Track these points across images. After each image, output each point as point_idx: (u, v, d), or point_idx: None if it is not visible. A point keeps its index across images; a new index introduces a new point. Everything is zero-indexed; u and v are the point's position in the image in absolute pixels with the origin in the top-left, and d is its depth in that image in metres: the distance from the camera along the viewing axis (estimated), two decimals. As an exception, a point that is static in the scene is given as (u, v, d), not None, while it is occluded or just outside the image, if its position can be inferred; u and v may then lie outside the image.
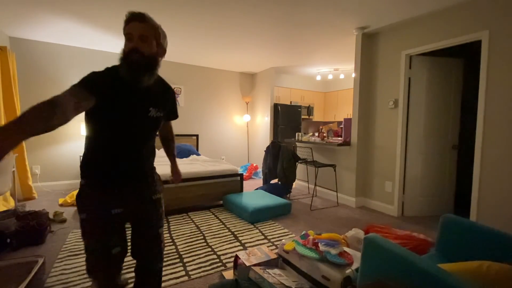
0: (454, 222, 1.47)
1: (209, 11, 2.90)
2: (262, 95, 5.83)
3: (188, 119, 5.38)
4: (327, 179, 3.96)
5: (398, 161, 3.18)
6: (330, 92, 6.95)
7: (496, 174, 2.40)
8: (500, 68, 2.36)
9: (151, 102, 1.14)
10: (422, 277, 0.89)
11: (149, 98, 1.13)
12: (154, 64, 1.08)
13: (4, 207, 2.96)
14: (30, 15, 3.04)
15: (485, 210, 2.47)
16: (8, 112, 3.32)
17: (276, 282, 1.51)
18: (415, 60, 3.10)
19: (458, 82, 3.18)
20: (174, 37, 3.75)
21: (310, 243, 1.72)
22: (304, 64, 5.31)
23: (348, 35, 3.57)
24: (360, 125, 3.53)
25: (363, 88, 3.52)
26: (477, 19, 2.49)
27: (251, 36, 3.67)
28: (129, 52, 1.01)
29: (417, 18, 2.96)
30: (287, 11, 2.86)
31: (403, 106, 3.13)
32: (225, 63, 5.25)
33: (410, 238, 2.14)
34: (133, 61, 1.00)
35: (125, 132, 1.09)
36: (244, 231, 2.65)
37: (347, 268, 1.53)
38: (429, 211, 3.20)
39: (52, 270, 1.88)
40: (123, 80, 1.03)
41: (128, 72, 1.01)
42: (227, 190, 3.51)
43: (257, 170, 5.54)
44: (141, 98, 1.10)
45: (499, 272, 0.96)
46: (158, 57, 1.11)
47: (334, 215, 3.23)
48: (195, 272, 1.89)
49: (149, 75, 1.06)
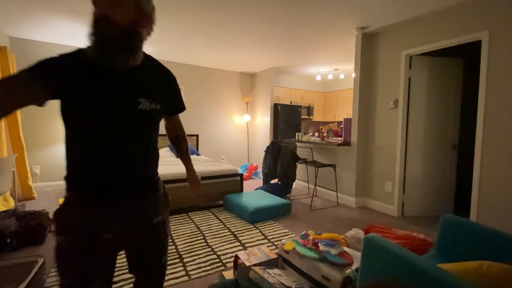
0: (454, 222, 1.47)
1: (209, 11, 2.90)
2: (262, 95, 5.83)
3: (188, 119, 5.38)
4: (327, 179, 3.95)
5: (398, 161, 3.18)
6: (330, 92, 6.95)
7: (496, 174, 2.40)
8: (500, 68, 2.36)
9: (141, 91, 0.87)
10: (422, 277, 0.89)
11: (138, 86, 0.86)
12: (132, 38, 0.79)
13: (4, 207, 2.96)
14: (30, 15, 3.04)
15: (485, 210, 2.47)
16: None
17: (276, 282, 1.51)
18: (415, 60, 3.10)
19: (458, 82, 3.18)
20: (174, 37, 3.75)
21: (310, 243, 1.72)
22: (304, 64, 5.31)
23: (348, 35, 3.57)
24: (360, 125, 3.53)
25: (363, 88, 3.52)
26: (477, 19, 2.49)
27: (251, 36, 3.67)
28: (95, 21, 0.74)
29: (417, 18, 2.96)
30: (287, 11, 2.86)
31: (403, 106, 3.13)
32: (225, 63, 5.25)
33: (410, 238, 2.14)
34: (100, 33, 0.73)
35: (109, 132, 0.82)
36: (244, 231, 2.65)
37: (347, 268, 1.53)
38: (429, 211, 3.20)
39: (52, 270, 1.88)
40: (96, 62, 0.77)
41: (94, 50, 0.74)
42: (227, 190, 3.51)
43: (257, 170, 5.54)
44: (126, 86, 0.83)
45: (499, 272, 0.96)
46: (140, 29, 0.81)
47: (334, 215, 3.23)
48: (195, 272, 1.89)
49: (125, 53, 0.79)
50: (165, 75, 1.00)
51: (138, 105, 0.85)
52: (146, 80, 0.89)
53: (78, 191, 0.85)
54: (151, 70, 0.93)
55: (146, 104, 0.87)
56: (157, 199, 0.99)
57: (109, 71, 0.80)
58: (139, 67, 0.87)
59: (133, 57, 0.84)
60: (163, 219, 1.01)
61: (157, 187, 1.01)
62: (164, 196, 1.04)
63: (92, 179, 0.84)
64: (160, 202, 1.00)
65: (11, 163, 2.83)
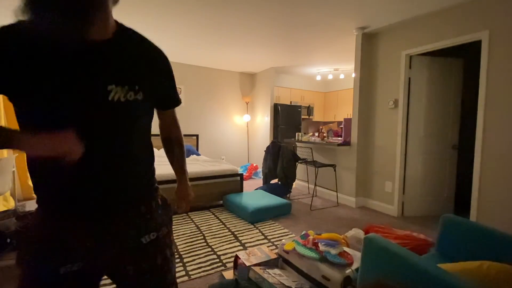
0: (454, 222, 1.47)
1: (209, 10, 2.90)
2: (262, 95, 5.83)
3: (188, 119, 5.39)
4: (327, 179, 3.95)
5: (398, 161, 3.18)
6: (330, 92, 6.95)
7: (496, 174, 2.40)
8: (500, 68, 2.36)
9: (112, 75, 0.63)
10: (422, 277, 0.89)
11: (105, 68, 0.62)
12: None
13: (4, 207, 2.96)
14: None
15: (485, 210, 2.47)
16: (8, 112, 3.33)
17: (276, 282, 1.52)
18: (415, 60, 3.10)
19: (458, 82, 3.18)
20: (174, 37, 3.75)
21: (310, 243, 1.72)
22: (304, 64, 5.31)
23: (348, 35, 3.57)
24: (360, 125, 3.53)
25: (363, 88, 3.52)
26: (477, 19, 2.49)
27: (251, 36, 3.67)
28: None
29: (417, 18, 2.96)
30: (287, 11, 2.86)
31: (403, 106, 3.13)
32: (225, 63, 5.25)
33: (410, 238, 2.14)
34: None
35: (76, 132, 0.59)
36: (244, 231, 2.65)
37: (347, 268, 1.53)
38: (429, 211, 3.20)
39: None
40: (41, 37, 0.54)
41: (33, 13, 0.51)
42: (227, 190, 3.51)
43: (257, 170, 5.54)
44: (87, 70, 0.60)
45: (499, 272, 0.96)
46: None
47: (334, 215, 3.23)
48: (195, 272, 1.89)
49: (79, 16, 0.53)
50: (150, 53, 0.73)
51: (107, 95, 0.61)
52: (119, 59, 0.64)
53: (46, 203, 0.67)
54: (128, 46, 0.67)
55: (120, 93, 0.62)
56: (148, 212, 0.74)
57: (60, 50, 0.56)
58: (109, 42, 0.63)
59: (94, 24, 0.58)
60: (158, 238, 0.75)
61: (151, 197, 0.78)
62: (162, 207, 0.80)
63: (55, 195, 0.65)
64: (153, 215, 0.75)
65: (11, 163, 2.83)
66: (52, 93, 0.57)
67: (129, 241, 0.70)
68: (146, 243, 0.73)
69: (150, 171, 0.79)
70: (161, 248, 0.76)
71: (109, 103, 0.62)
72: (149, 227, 0.74)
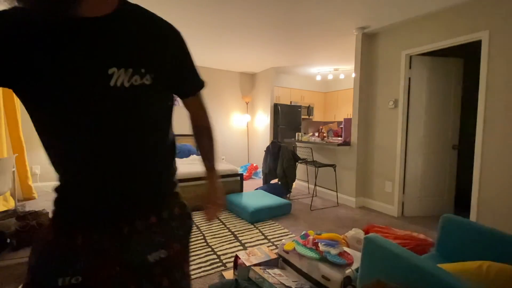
0: (454, 222, 1.47)
1: (208, 10, 2.90)
2: (262, 95, 5.83)
3: (188, 119, 5.38)
4: (327, 179, 3.95)
5: (398, 161, 3.18)
6: (330, 92, 6.95)
7: (496, 174, 2.40)
8: (500, 68, 2.36)
9: (113, 55, 0.54)
10: (422, 277, 0.89)
11: (106, 47, 0.54)
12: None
13: (4, 207, 2.96)
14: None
15: (485, 210, 2.47)
16: (8, 112, 3.33)
17: (276, 282, 1.52)
18: (415, 60, 3.10)
19: (458, 82, 3.18)
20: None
21: (310, 243, 1.72)
22: (304, 64, 5.31)
23: (348, 35, 3.57)
24: (360, 125, 3.53)
25: (363, 88, 3.52)
26: (477, 19, 2.49)
27: (251, 36, 3.67)
28: None
29: (417, 18, 2.96)
30: (287, 11, 2.86)
31: (403, 106, 3.13)
32: (225, 63, 5.25)
33: (410, 238, 2.14)
34: None
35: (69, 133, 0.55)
36: (244, 231, 2.65)
37: (347, 268, 1.53)
38: (429, 211, 3.20)
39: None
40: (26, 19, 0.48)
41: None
42: (227, 190, 3.50)
43: (257, 170, 5.54)
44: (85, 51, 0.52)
45: (499, 273, 0.96)
46: None
47: (334, 215, 3.23)
48: (195, 272, 1.89)
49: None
50: (160, 30, 0.63)
51: (108, 79, 0.53)
52: (121, 38, 0.55)
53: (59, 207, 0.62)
54: (131, 22, 0.58)
55: (123, 77, 0.54)
56: (158, 225, 0.64)
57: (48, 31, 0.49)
58: (110, 18, 0.54)
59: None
60: (169, 256, 0.64)
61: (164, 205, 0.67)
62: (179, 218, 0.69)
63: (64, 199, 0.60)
64: (165, 228, 0.65)
65: (11, 163, 2.83)
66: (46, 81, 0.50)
67: (134, 257, 0.61)
68: (155, 262, 0.63)
69: (168, 172, 0.69)
70: (169, 269, 0.65)
71: (112, 89, 0.53)
72: (158, 243, 0.64)
